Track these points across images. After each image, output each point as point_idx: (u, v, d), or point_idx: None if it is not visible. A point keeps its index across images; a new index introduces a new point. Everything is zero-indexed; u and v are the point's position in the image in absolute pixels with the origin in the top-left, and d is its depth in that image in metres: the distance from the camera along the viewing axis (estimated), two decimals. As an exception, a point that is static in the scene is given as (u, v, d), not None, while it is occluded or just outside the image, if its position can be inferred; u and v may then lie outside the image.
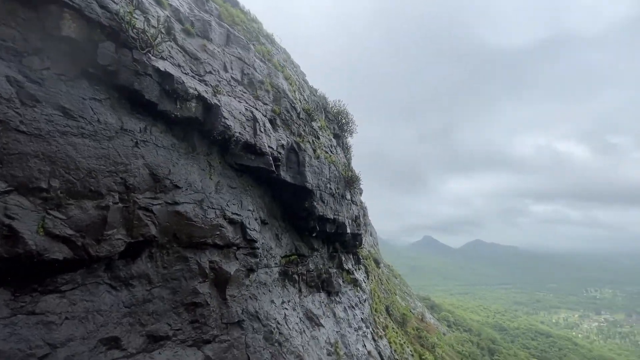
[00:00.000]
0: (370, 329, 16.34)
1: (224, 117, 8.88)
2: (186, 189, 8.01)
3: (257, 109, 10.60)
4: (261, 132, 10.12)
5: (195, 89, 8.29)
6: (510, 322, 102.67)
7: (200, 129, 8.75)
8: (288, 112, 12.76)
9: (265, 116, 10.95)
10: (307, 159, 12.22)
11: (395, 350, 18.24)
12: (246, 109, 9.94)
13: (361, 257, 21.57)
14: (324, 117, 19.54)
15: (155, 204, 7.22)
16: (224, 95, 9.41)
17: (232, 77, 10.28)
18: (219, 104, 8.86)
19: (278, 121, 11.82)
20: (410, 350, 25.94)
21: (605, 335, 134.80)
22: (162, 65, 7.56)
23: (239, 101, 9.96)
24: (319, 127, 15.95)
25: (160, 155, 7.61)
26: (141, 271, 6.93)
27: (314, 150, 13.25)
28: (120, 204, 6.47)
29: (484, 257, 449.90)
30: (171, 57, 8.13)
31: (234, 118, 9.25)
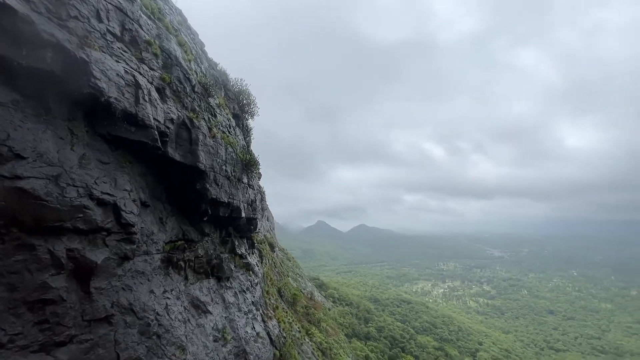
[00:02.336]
0: (261, 311, 16.61)
1: (95, 77, 7.34)
2: (34, 161, 6.35)
3: (141, 74, 9.14)
4: (145, 101, 8.80)
5: (53, 35, 6.56)
6: (382, 294, 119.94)
7: (59, 87, 7.00)
8: (181, 83, 11.45)
9: (151, 83, 9.55)
10: (201, 137, 11.29)
11: (283, 329, 19.07)
12: (126, 72, 8.45)
13: (256, 242, 21.53)
14: (223, 95, 18.35)
15: (-18, 177, 5.51)
16: (96, 50, 7.76)
17: (108, 29, 8.53)
18: (87, 59, 7.25)
19: (168, 92, 10.48)
20: (298, 327, 27.61)
21: (447, 298, 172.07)
22: (-3, -7, 5.67)
23: (116, 60, 8.37)
24: (217, 104, 14.89)
25: (-9, 114, 5.79)
26: (-44, 265, 5.22)
27: (210, 129, 12.34)
28: None
29: (367, 239, 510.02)
30: (14, -15, 6.18)
31: (109, 80, 7.76)
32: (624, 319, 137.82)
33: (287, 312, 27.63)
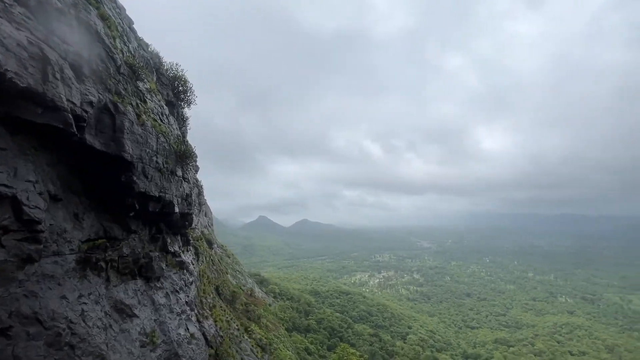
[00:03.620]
0: (196, 311, 15.79)
1: (-15, 45, 6.13)
2: None
3: (51, 47, 7.89)
4: (56, 79, 7.62)
5: None
6: (322, 286, 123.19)
7: None
8: (103, 62, 10.18)
9: (64, 59, 8.30)
10: (127, 124, 10.19)
11: (220, 328, 18.42)
12: (31, 43, 7.21)
13: (191, 239, 20.33)
14: (155, 79, 16.84)
15: None
16: (-12, 12, 6.47)
17: (5, -10, 7.16)
18: (-25, 22, 6.01)
19: (86, 70, 9.22)
20: (237, 325, 26.92)
21: (382, 287, 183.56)
22: None
23: (17, 28, 7.08)
24: (147, 89, 13.59)
25: None
26: None
27: (138, 116, 11.22)
28: None
29: (309, 234, 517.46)
30: None
31: (7, 50, 6.54)
32: (523, 297, 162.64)
33: (225, 311, 26.73)
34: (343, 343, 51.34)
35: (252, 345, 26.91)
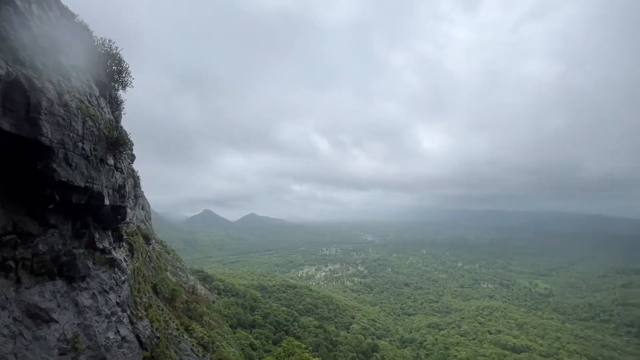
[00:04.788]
0: (128, 312, 14.56)
1: None
2: None
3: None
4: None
5: None
6: (269, 281, 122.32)
7: None
8: (14, 29, 8.73)
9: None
10: (45, 103, 8.89)
11: (157, 329, 17.27)
12: None
13: (124, 234, 18.66)
14: (83, 56, 14.95)
15: None
16: None
17: None
18: None
19: (-9, 37, 7.83)
20: (176, 325, 25.50)
21: (328, 280, 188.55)
22: None
23: None
24: (72, 65, 12.01)
25: None
26: None
27: (60, 95, 9.87)
28: None
29: (257, 228, 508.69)
30: None
31: None
32: (453, 284, 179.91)
33: (163, 310, 25.12)
34: (289, 336, 51.73)
35: (193, 345, 25.75)
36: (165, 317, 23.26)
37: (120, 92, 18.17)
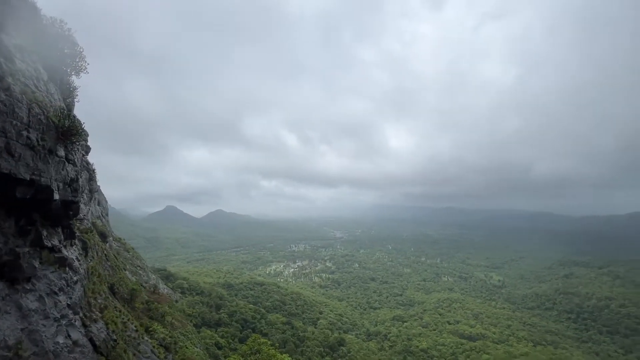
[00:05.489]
0: (81, 315, 13.60)
1: None
2: None
3: None
4: None
5: None
6: (236, 279, 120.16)
7: None
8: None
9: None
10: (-18, 86, 8.00)
11: (113, 331, 16.31)
12: None
13: (77, 231, 17.36)
14: (30, 36, 13.61)
15: None
16: None
17: None
18: None
19: None
20: (135, 326, 24.26)
21: (297, 277, 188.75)
22: None
23: None
24: (16, 46, 10.89)
25: None
26: None
27: (1, 78, 8.91)
28: None
29: (224, 225, 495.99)
30: None
31: None
32: (416, 278, 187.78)
33: (121, 312, 23.77)
34: (255, 334, 51.20)
35: (154, 346, 24.66)
36: (123, 318, 22.06)
37: (74, 77, 16.79)
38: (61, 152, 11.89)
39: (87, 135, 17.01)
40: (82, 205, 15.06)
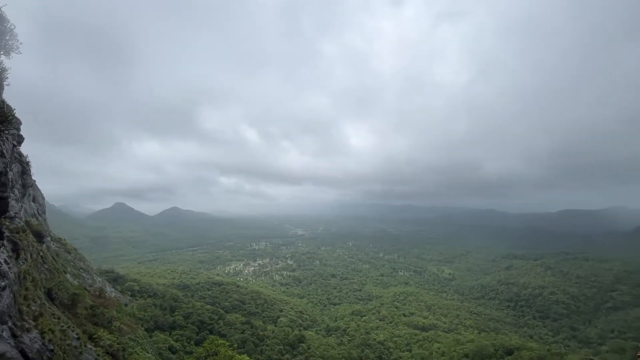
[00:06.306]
0: (10, 324, 12.16)
1: None
2: None
3: None
4: None
5: None
6: (192, 279, 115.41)
7: None
8: None
9: None
10: None
11: (50, 340, 14.81)
12: None
13: (6, 231, 15.48)
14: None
15: None
16: None
17: None
18: None
19: None
20: (77, 334, 22.29)
21: (257, 275, 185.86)
22: None
23: None
24: None
25: None
26: None
27: None
28: None
29: (180, 223, 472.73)
30: None
31: None
32: (375, 274, 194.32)
33: (59, 319, 21.67)
34: (212, 335, 49.61)
35: (99, 354, 22.84)
36: (62, 326, 20.15)
37: (3, 58, 14.86)
38: (-14, 142, 10.49)
39: (20, 123, 15.18)
40: (12, 202, 13.39)
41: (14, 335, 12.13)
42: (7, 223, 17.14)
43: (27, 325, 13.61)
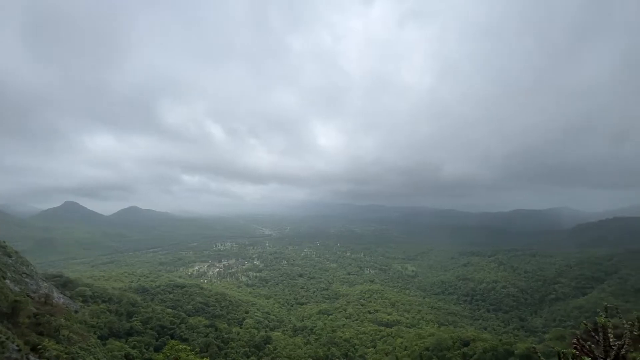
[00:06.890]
0: (-64, 338, 10.79)
1: None
2: None
3: None
4: None
5: None
6: (152, 282, 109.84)
7: None
8: None
9: None
10: None
11: (-14, 354, 13.39)
12: None
13: None
14: None
15: None
16: None
17: None
18: None
19: None
20: (18, 345, 20.31)
21: (222, 276, 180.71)
22: None
23: None
24: None
25: None
26: None
27: None
28: None
29: (139, 223, 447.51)
30: None
31: None
32: (341, 272, 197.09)
33: (-3, 329, 19.60)
34: (173, 340, 47.51)
35: (44, 367, 20.98)
36: (0, 337, 18.26)
37: None
38: None
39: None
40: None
41: (-60, 350, 10.80)
42: None
43: (-43, 338, 12.18)
